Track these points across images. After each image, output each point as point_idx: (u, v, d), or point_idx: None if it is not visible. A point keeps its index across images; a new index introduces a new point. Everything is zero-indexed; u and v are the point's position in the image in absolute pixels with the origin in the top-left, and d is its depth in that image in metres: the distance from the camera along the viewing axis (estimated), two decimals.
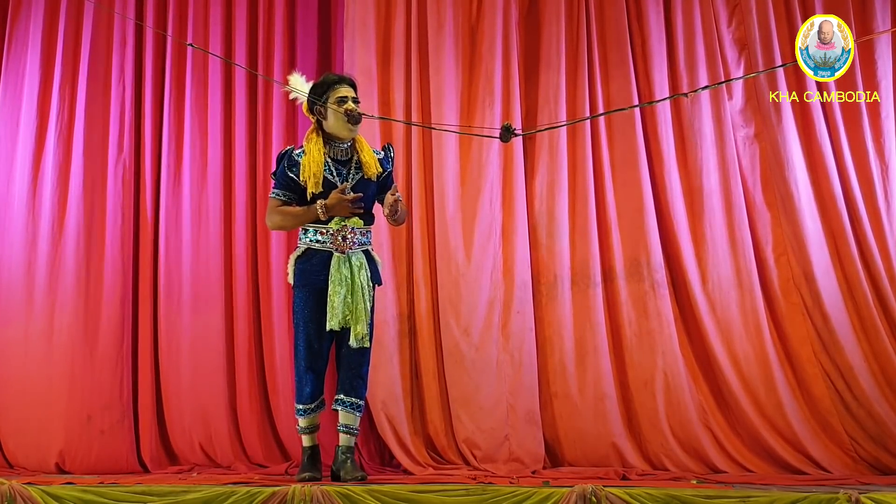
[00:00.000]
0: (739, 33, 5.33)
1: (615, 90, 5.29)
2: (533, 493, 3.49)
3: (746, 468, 4.81)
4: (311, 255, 4.27)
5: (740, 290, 5.13)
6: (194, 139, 5.27)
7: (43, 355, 5.09)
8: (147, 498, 3.59)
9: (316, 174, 4.22)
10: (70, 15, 5.36)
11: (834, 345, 5.04)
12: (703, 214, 5.21)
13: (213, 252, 5.19)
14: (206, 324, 5.14)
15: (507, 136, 4.21)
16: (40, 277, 5.15)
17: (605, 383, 5.04)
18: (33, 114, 5.29)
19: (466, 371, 5.03)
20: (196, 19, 5.35)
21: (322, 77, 4.42)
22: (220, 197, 5.25)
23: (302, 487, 3.51)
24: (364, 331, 4.20)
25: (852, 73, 5.14)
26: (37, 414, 5.04)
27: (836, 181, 5.18)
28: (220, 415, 5.07)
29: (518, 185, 5.20)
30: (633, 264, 5.16)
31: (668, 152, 5.24)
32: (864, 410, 4.95)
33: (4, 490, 3.55)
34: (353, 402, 4.28)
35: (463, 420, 4.97)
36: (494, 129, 4.54)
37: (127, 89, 5.30)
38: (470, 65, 5.30)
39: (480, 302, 5.09)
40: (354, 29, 5.23)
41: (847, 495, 3.35)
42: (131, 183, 5.27)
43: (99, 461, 4.96)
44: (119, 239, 5.19)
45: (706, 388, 5.07)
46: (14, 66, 5.35)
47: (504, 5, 5.29)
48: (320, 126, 4.33)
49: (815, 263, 5.11)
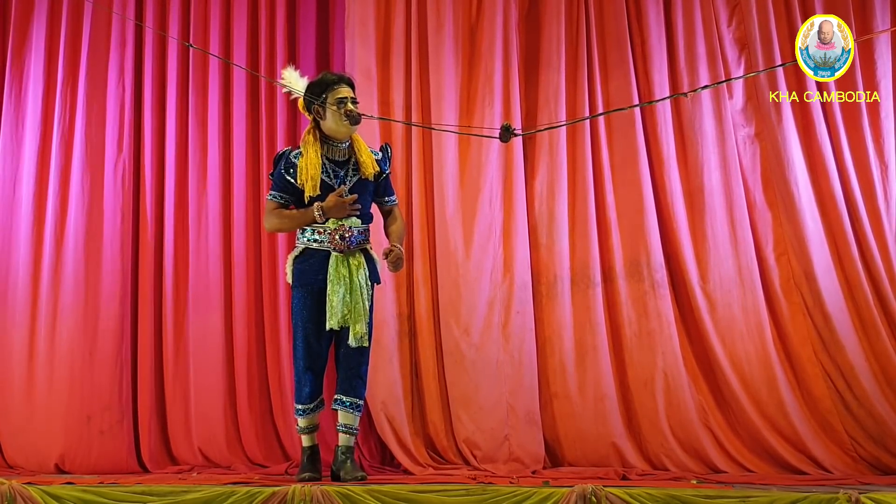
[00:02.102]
0: (739, 33, 5.33)
1: (615, 90, 5.28)
2: (533, 493, 3.49)
3: (746, 468, 4.81)
4: (310, 255, 4.27)
5: (741, 289, 5.13)
6: (195, 140, 5.27)
7: (43, 356, 5.08)
8: (147, 498, 3.59)
9: (314, 177, 4.22)
10: (70, 16, 5.35)
11: (834, 344, 5.04)
12: (703, 214, 5.20)
13: (213, 252, 5.19)
14: (207, 324, 5.14)
15: (507, 136, 4.21)
16: (42, 278, 5.14)
17: (605, 383, 5.04)
18: (38, 115, 5.28)
19: (466, 371, 5.03)
20: (196, 20, 5.34)
21: (320, 76, 4.41)
22: (221, 197, 5.25)
23: (302, 487, 3.51)
24: (363, 330, 4.20)
25: (852, 73, 5.14)
26: (37, 415, 5.04)
27: (837, 181, 5.17)
28: (221, 415, 5.07)
29: (518, 185, 5.19)
30: (634, 264, 5.16)
31: (669, 152, 5.24)
32: (864, 410, 4.95)
33: (4, 490, 3.55)
34: (352, 401, 4.28)
35: (463, 420, 4.97)
36: (494, 130, 4.54)
37: (126, 90, 5.30)
38: (469, 65, 5.30)
39: (480, 302, 5.09)
40: (354, 28, 5.23)
41: (847, 495, 3.35)
42: (131, 184, 5.26)
43: (99, 462, 4.96)
44: (119, 240, 5.19)
45: (706, 387, 5.07)
46: (17, 68, 5.34)
47: (504, 5, 5.28)
48: (317, 125, 4.33)
49: (816, 263, 5.11)
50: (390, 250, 4.31)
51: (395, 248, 4.32)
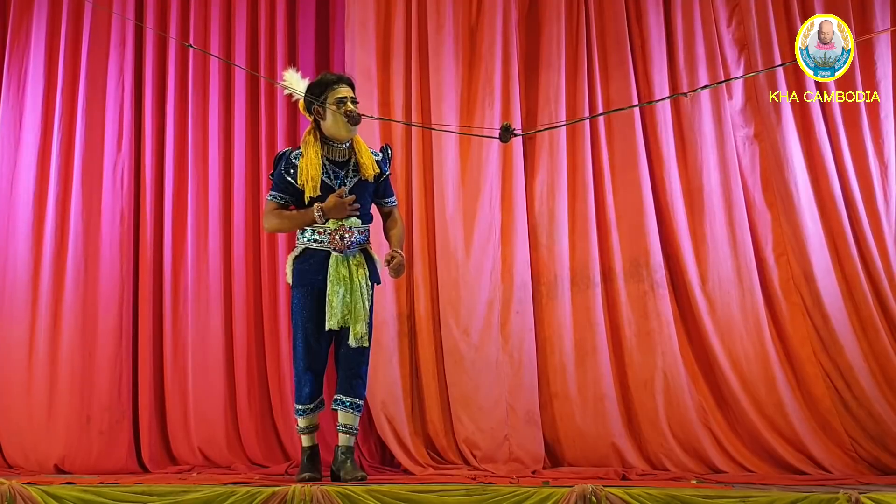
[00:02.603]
0: (739, 33, 5.33)
1: (615, 90, 5.29)
2: (533, 493, 3.49)
3: (746, 468, 4.82)
4: (310, 255, 4.27)
5: (740, 290, 5.13)
6: (195, 140, 5.27)
7: (43, 356, 5.08)
8: (147, 498, 3.58)
9: (314, 177, 4.22)
10: (70, 16, 5.35)
11: (834, 345, 5.04)
12: (703, 215, 5.21)
13: (213, 252, 5.19)
14: (207, 324, 5.14)
15: (507, 136, 4.21)
16: (42, 278, 5.14)
17: (604, 383, 5.04)
18: (38, 115, 5.28)
19: (466, 371, 5.03)
20: (196, 20, 5.34)
21: (320, 76, 4.40)
22: (221, 197, 5.25)
23: (302, 487, 3.50)
24: (363, 330, 4.19)
25: (852, 74, 5.15)
26: (37, 415, 5.04)
27: (836, 181, 5.18)
28: (220, 415, 5.08)
29: (518, 186, 5.20)
30: (633, 264, 5.17)
31: (668, 153, 5.25)
32: (863, 410, 4.96)
33: (4, 490, 3.54)
34: (352, 401, 4.28)
35: (463, 420, 4.97)
36: (494, 130, 4.54)
37: (126, 90, 5.30)
38: (469, 66, 5.30)
39: (480, 302, 5.10)
40: (354, 30, 5.23)
41: (847, 495, 3.35)
42: (130, 184, 5.27)
43: (99, 462, 4.96)
44: (118, 240, 5.20)
45: (706, 388, 5.08)
46: (17, 68, 5.34)
47: (504, 6, 5.29)
48: (318, 126, 4.33)
49: (815, 263, 5.11)
50: (392, 257, 4.30)
51: (397, 254, 4.31)
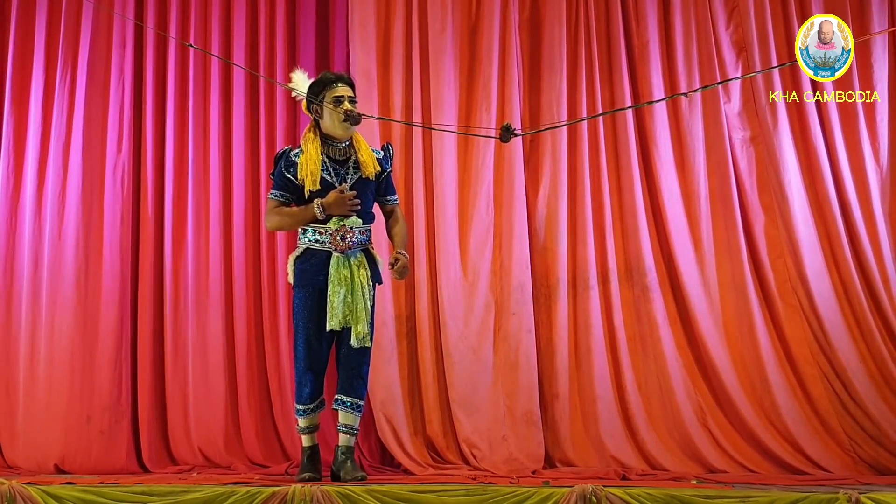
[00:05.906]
0: (737, 36, 5.34)
1: (614, 93, 5.29)
2: (533, 493, 3.49)
3: (746, 468, 4.81)
4: (311, 255, 4.27)
5: (737, 292, 5.14)
6: (195, 140, 5.26)
7: (43, 356, 5.08)
8: (147, 498, 3.58)
9: (314, 172, 4.22)
10: (70, 16, 5.35)
11: (830, 346, 5.05)
12: (699, 217, 5.22)
13: (213, 252, 5.19)
14: (207, 324, 5.13)
15: (507, 136, 4.21)
16: (42, 278, 5.13)
17: (603, 384, 5.05)
18: (38, 114, 5.27)
19: (465, 372, 5.04)
20: (196, 20, 5.34)
21: (319, 75, 4.41)
22: (221, 197, 5.25)
23: (302, 487, 3.50)
24: (365, 330, 4.19)
25: (849, 77, 5.16)
26: (37, 415, 5.03)
27: (832, 184, 5.20)
28: (221, 415, 5.07)
29: (518, 188, 5.20)
30: (631, 267, 5.18)
31: (666, 155, 5.26)
32: (861, 411, 4.97)
33: (4, 490, 3.54)
34: (352, 401, 4.28)
35: (462, 420, 4.97)
36: (494, 130, 4.54)
37: (126, 90, 5.30)
38: (470, 68, 5.30)
39: (478, 303, 5.11)
40: (354, 31, 5.24)
41: (847, 495, 3.35)
42: (130, 184, 5.26)
43: (99, 462, 4.95)
44: (118, 240, 5.19)
45: (704, 388, 5.08)
46: (17, 68, 5.33)
47: (504, 9, 5.29)
48: (318, 125, 4.33)
49: (811, 266, 5.13)
50: (396, 259, 4.30)
51: (402, 256, 4.31)
